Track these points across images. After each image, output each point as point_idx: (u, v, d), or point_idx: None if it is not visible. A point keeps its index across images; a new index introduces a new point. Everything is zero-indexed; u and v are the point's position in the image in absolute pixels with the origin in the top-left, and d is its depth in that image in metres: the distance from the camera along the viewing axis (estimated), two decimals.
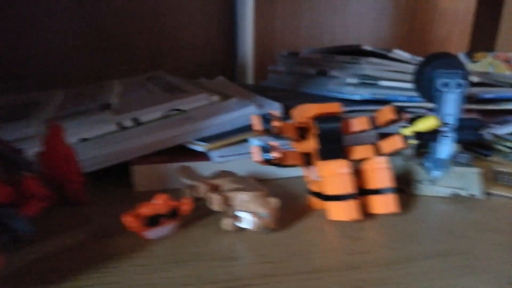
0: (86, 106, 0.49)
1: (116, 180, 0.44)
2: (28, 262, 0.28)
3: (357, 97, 0.56)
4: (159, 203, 0.31)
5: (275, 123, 0.34)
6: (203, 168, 0.42)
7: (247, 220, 0.32)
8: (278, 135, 0.36)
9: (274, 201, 0.32)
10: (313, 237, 0.32)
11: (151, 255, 0.30)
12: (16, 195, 0.32)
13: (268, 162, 0.35)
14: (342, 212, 0.34)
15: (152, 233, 0.32)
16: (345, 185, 0.34)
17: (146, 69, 0.78)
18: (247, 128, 0.46)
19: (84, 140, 0.43)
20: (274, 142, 0.35)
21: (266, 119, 0.35)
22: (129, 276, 0.27)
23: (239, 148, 0.44)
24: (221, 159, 0.43)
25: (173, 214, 0.32)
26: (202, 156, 0.44)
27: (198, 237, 0.32)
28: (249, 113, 0.47)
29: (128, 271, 0.28)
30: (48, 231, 0.33)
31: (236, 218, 0.33)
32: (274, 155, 0.34)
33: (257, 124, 0.35)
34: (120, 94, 0.55)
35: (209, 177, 0.38)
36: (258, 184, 0.35)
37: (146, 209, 0.31)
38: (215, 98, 0.48)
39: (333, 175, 0.35)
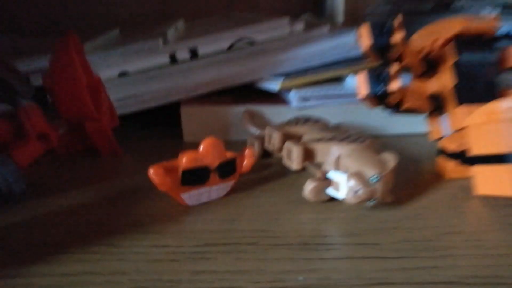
0: (137, 39, 0.39)
1: (166, 129, 0.34)
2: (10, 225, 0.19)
3: (500, 32, 0.41)
4: (206, 153, 0.20)
5: (396, 39, 0.22)
6: (276, 114, 0.30)
7: (344, 186, 0.19)
8: (397, 61, 0.23)
9: (391, 158, 0.20)
10: (451, 222, 0.20)
11: (183, 231, 0.19)
12: (11, 131, 0.22)
13: (379, 99, 0.22)
14: (500, 183, 0.21)
15: (192, 196, 0.21)
16: (506, 141, 0.21)
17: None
18: (344, 64, 0.33)
19: (124, 74, 0.33)
20: (394, 68, 0.22)
21: (383, 32, 0.22)
22: (135, 264, 0.16)
23: (329, 90, 0.32)
24: (302, 102, 0.31)
25: (226, 170, 0.21)
26: (276, 99, 0.32)
27: (263, 208, 0.21)
28: (348, 42, 0.33)
29: (139, 253, 0.17)
30: (53, 185, 0.24)
31: (327, 182, 0.20)
32: (391, 88, 0.21)
33: (367, 40, 0.22)
34: (182, 30, 0.44)
35: (285, 123, 0.26)
36: (362, 133, 0.23)
37: (186, 160, 0.20)
38: (299, 25, 0.36)
39: (484, 126, 0.21)
